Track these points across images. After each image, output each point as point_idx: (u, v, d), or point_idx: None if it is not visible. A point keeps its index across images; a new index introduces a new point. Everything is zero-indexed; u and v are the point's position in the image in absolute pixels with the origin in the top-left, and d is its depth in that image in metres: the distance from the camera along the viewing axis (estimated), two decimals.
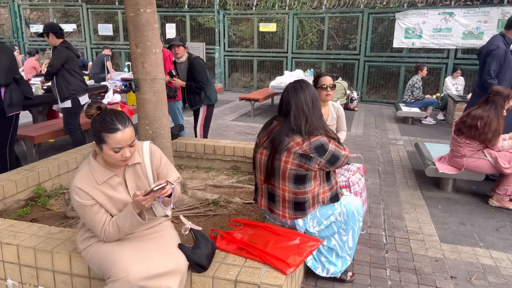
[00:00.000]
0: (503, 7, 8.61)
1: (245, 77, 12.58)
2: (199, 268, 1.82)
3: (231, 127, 7.08)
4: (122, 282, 1.63)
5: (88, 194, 1.72)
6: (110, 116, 1.68)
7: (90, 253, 1.82)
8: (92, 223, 1.75)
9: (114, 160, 1.71)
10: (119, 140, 1.65)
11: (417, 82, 7.71)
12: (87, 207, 1.73)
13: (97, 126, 1.67)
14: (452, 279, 2.49)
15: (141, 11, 2.71)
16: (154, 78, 2.85)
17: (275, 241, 2.05)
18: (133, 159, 1.84)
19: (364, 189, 2.91)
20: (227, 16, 11.55)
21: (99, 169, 1.77)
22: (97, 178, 1.75)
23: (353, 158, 4.33)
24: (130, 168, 1.85)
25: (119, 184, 1.81)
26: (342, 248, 2.30)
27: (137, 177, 1.86)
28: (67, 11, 13.52)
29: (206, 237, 1.93)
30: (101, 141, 1.67)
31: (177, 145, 4.07)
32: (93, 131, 1.69)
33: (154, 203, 1.83)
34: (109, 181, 1.77)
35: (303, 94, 2.15)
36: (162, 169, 1.94)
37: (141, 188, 1.84)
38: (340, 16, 10.99)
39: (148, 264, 1.68)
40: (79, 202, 1.72)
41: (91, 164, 1.78)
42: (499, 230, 3.19)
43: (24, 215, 2.83)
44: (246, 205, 3.07)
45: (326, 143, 2.09)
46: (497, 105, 3.51)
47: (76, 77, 4.45)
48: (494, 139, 3.50)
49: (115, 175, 1.79)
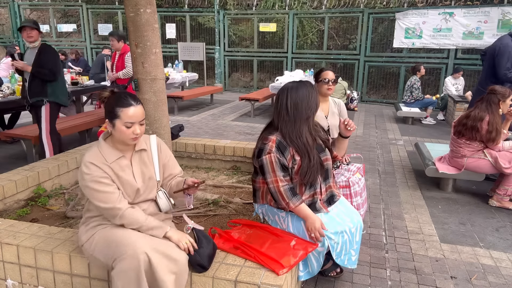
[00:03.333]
0: (503, 7, 8.61)
1: (245, 77, 12.58)
2: (200, 268, 1.83)
3: (231, 127, 7.08)
4: (129, 257, 1.66)
5: (100, 168, 1.79)
6: (124, 94, 1.82)
7: (95, 242, 1.83)
8: (105, 196, 1.77)
9: (125, 137, 1.79)
10: (131, 114, 1.76)
11: (415, 82, 7.70)
12: (99, 178, 1.77)
13: (111, 102, 1.79)
14: (452, 279, 2.49)
15: (141, 11, 2.71)
16: (154, 78, 2.85)
17: (272, 241, 2.05)
18: (140, 145, 1.94)
19: (364, 189, 2.90)
20: (227, 16, 11.55)
21: (108, 149, 1.86)
22: (106, 157, 1.83)
23: (353, 158, 4.32)
24: (137, 154, 1.94)
25: (127, 166, 1.89)
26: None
27: (143, 164, 1.95)
28: (67, 11, 13.52)
29: (207, 237, 1.94)
30: (114, 116, 1.77)
31: (177, 145, 4.07)
32: (107, 109, 1.80)
33: (159, 194, 1.96)
34: (118, 161, 1.86)
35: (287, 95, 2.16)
36: (168, 161, 2.07)
37: (146, 174, 1.94)
38: (340, 16, 10.99)
39: (156, 242, 1.76)
40: (90, 175, 1.76)
41: (101, 144, 1.87)
42: (499, 230, 3.19)
43: (24, 215, 2.83)
44: (246, 205, 3.07)
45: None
46: (490, 103, 3.52)
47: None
48: (497, 137, 3.50)
49: (123, 156, 1.88)
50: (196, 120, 7.63)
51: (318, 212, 2.16)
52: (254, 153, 2.21)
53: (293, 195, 2.09)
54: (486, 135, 3.51)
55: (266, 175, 2.11)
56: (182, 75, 9.60)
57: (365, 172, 3.82)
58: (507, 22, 8.62)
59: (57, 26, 12.91)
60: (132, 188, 1.87)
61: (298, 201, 2.09)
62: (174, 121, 7.17)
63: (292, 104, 2.13)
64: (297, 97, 2.14)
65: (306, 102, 2.15)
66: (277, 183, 2.09)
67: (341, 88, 8.61)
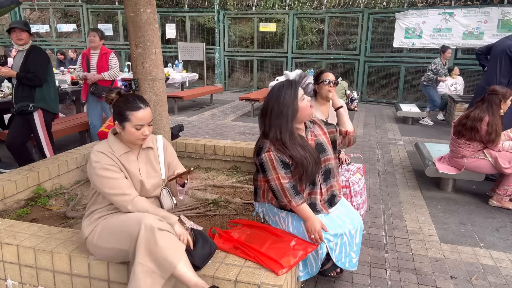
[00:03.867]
0: (503, 7, 8.61)
1: (245, 77, 12.58)
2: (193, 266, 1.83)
3: (231, 127, 7.08)
4: (143, 229, 1.70)
5: (108, 157, 1.84)
6: (133, 97, 1.87)
7: (98, 233, 1.86)
8: (114, 182, 1.80)
9: (134, 138, 1.86)
10: (141, 117, 1.82)
11: (432, 64, 7.54)
12: (108, 166, 1.81)
13: (121, 106, 1.84)
14: (452, 279, 2.49)
15: (141, 11, 2.71)
16: (154, 78, 2.85)
17: (272, 241, 2.05)
18: (147, 143, 2.00)
19: (364, 189, 2.90)
20: (227, 16, 11.55)
21: (118, 143, 1.92)
22: (115, 150, 1.89)
23: (353, 158, 4.32)
24: (143, 151, 2.00)
25: (133, 161, 1.94)
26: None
27: (148, 161, 2.01)
28: (67, 11, 13.53)
29: (205, 238, 1.95)
30: (124, 119, 1.82)
31: (177, 145, 4.07)
32: (116, 112, 1.86)
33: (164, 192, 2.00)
34: (126, 155, 1.91)
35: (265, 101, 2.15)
36: (173, 160, 2.15)
37: (151, 171, 1.99)
38: (340, 16, 10.99)
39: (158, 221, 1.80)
40: (100, 163, 1.80)
41: (110, 138, 1.93)
42: (499, 230, 3.19)
43: (24, 215, 2.83)
44: (246, 205, 3.08)
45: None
46: (492, 103, 3.52)
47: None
48: (497, 138, 3.50)
49: (131, 151, 1.94)
50: (196, 120, 7.63)
51: (319, 213, 2.16)
52: (254, 151, 2.21)
53: (296, 193, 2.08)
54: (485, 137, 3.51)
55: (267, 172, 2.09)
56: (182, 75, 9.60)
57: (365, 172, 3.82)
58: (507, 22, 8.62)
59: (57, 26, 12.91)
60: (137, 181, 1.92)
61: (300, 200, 2.08)
62: (174, 121, 7.17)
63: (269, 107, 2.11)
64: (270, 99, 2.12)
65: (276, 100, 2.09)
66: (279, 180, 2.07)
67: (341, 88, 8.60)
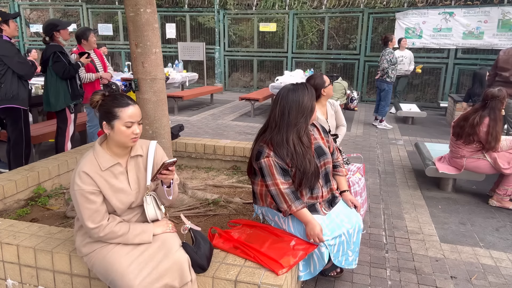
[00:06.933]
0: (503, 7, 8.61)
1: (245, 77, 12.58)
2: (199, 269, 1.83)
3: (231, 127, 7.08)
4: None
5: (92, 179, 1.75)
6: (120, 95, 1.82)
7: (94, 260, 1.81)
8: (89, 212, 1.73)
9: (125, 137, 1.77)
10: (131, 114, 1.76)
11: (383, 54, 6.89)
12: (87, 194, 1.73)
13: (109, 104, 1.77)
14: (452, 279, 2.49)
15: (141, 11, 2.71)
16: (154, 78, 2.85)
17: (272, 241, 2.05)
18: (136, 150, 1.91)
19: (364, 189, 2.91)
20: (227, 16, 11.55)
21: (103, 155, 1.82)
22: (101, 163, 1.79)
23: (353, 158, 4.33)
24: (133, 159, 1.90)
25: (121, 174, 1.85)
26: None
27: (138, 169, 1.92)
28: (67, 11, 13.51)
29: (204, 238, 1.94)
30: (113, 118, 1.74)
31: (177, 145, 4.07)
32: (104, 111, 1.77)
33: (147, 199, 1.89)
34: (112, 168, 1.82)
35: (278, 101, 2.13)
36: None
37: (141, 180, 1.90)
38: (340, 16, 10.99)
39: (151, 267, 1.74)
40: (80, 187, 1.73)
41: (96, 150, 1.83)
42: (499, 230, 3.19)
43: (24, 215, 2.83)
44: (246, 205, 3.07)
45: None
46: (495, 109, 3.51)
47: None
48: (496, 145, 3.50)
49: (118, 163, 1.84)
50: (196, 120, 7.63)
51: (318, 213, 2.16)
52: (252, 154, 2.19)
53: (295, 198, 2.07)
54: (486, 144, 3.51)
55: (266, 177, 2.09)
56: (182, 75, 9.59)
57: (365, 172, 3.82)
58: (507, 22, 8.62)
59: None
60: (126, 195, 1.83)
61: (300, 205, 2.07)
62: (174, 121, 7.17)
63: (281, 111, 2.09)
64: (286, 103, 2.08)
65: (296, 107, 2.08)
66: (278, 186, 2.06)
67: (341, 88, 8.59)
